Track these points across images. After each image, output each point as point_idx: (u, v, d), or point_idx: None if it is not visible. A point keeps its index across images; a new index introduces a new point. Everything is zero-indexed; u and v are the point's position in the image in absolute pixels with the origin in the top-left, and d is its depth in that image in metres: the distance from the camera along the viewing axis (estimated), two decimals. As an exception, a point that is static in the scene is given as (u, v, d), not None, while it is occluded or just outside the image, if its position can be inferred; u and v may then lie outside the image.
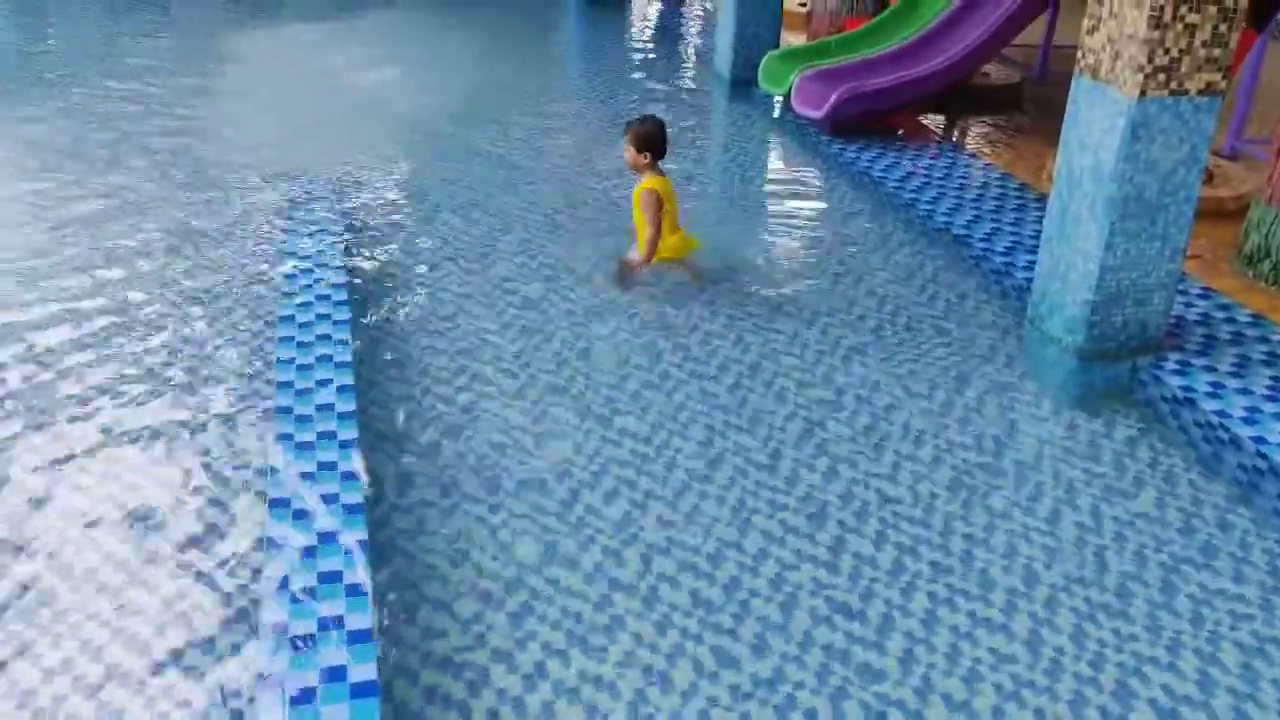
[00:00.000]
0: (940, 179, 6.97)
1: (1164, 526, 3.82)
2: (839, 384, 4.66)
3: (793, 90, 8.08)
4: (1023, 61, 10.18)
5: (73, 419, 4.15)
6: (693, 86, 9.81)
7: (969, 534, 3.74)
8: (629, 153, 5.40)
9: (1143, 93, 4.07)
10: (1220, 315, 5.00)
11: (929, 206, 6.47)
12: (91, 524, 3.58)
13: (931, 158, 7.44)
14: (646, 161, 5.37)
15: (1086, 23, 4.33)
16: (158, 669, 3.00)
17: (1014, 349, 5.00)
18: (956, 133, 8.33)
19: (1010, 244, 5.90)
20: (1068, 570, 3.59)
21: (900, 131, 8.06)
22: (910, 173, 7.10)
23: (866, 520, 3.79)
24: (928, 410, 4.49)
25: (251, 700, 2.85)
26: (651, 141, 5.35)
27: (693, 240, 5.54)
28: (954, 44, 8.21)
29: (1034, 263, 5.27)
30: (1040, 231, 4.92)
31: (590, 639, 3.20)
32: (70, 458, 3.92)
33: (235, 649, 3.07)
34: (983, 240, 5.95)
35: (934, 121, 8.50)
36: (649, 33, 12.73)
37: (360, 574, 3.17)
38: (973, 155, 7.56)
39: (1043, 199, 6.50)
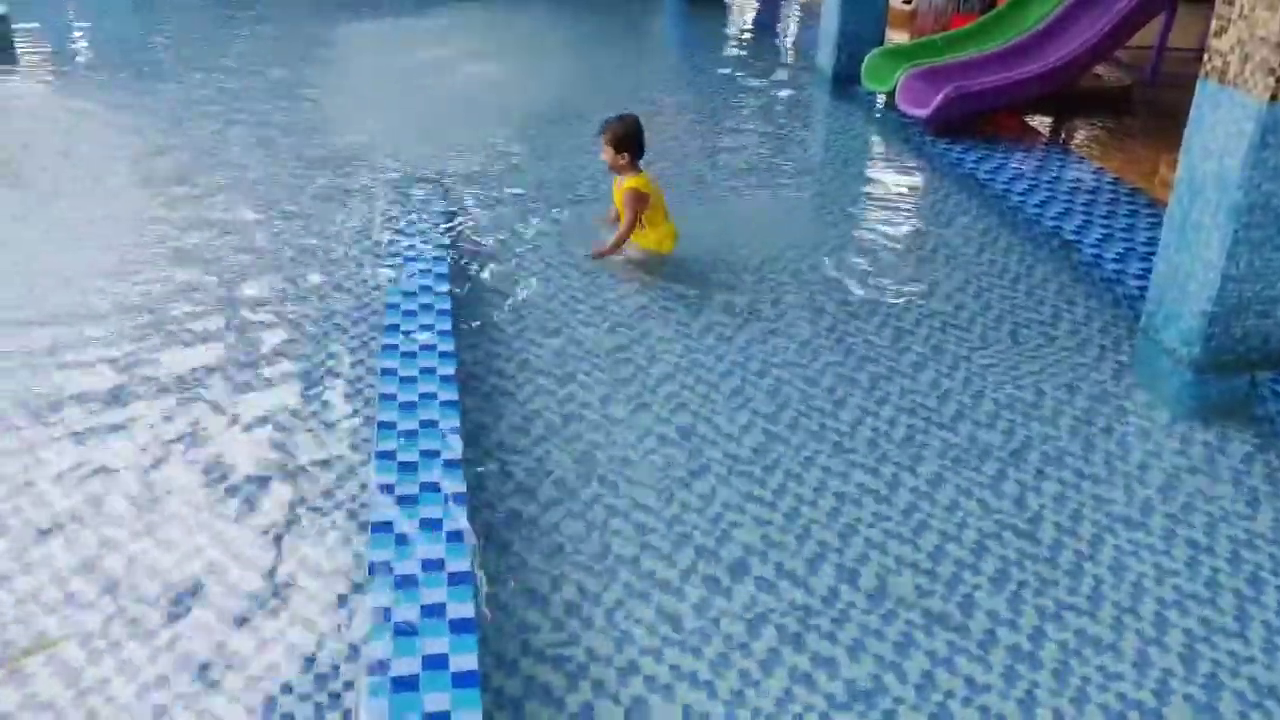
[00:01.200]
0: (1049, 182, 6.81)
1: (1283, 548, 3.68)
2: (943, 389, 4.57)
3: (897, 88, 7.96)
4: (1134, 63, 9.89)
5: (180, 394, 4.25)
6: (793, 83, 9.73)
7: (1077, 549, 3.64)
8: (607, 153, 5.39)
9: (1274, 97, 3.91)
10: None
11: (1037, 210, 6.32)
12: (194, 502, 3.66)
13: (1039, 160, 7.27)
14: (625, 161, 5.35)
15: (1214, 24, 4.18)
16: (261, 648, 3.05)
17: (1124, 358, 4.86)
18: (1065, 135, 8.13)
19: (1122, 250, 5.74)
20: (1179, 588, 3.47)
21: (1007, 132, 7.89)
22: (1017, 175, 6.95)
23: (967, 529, 3.71)
24: (1034, 419, 4.38)
25: (351, 685, 2.88)
26: (629, 140, 5.34)
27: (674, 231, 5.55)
28: (1066, 44, 8.01)
29: (1147, 270, 5.12)
30: (1154, 238, 4.78)
31: (687, 640, 3.18)
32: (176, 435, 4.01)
33: (337, 630, 3.10)
34: (1093, 246, 5.79)
35: (1041, 123, 8.32)
36: (748, 29, 12.66)
37: (462, 562, 3.19)
38: (1082, 158, 7.36)
39: (1156, 204, 6.31)
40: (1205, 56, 4.24)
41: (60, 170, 6.60)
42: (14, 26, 9.62)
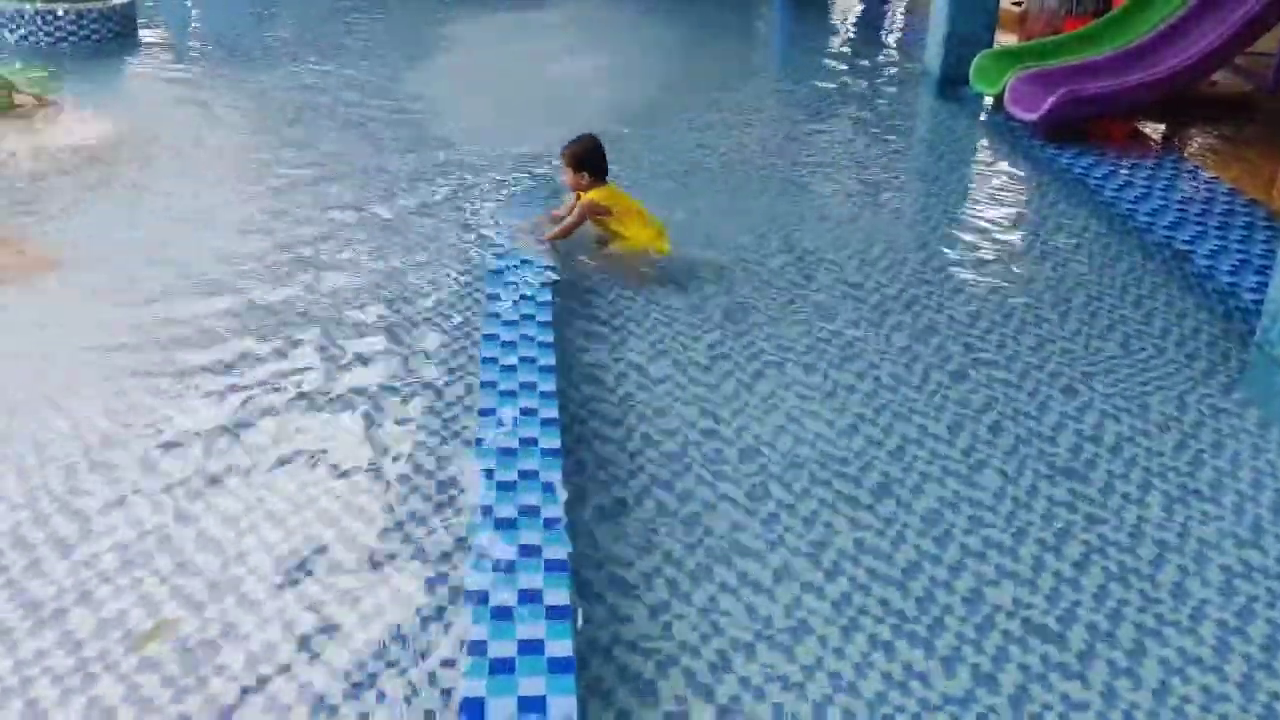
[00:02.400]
0: (1161, 190, 6.64)
1: (1402, 576, 3.54)
2: (1045, 397, 4.49)
3: (1006, 91, 7.84)
4: (1254, 70, 9.58)
5: (278, 381, 4.36)
6: (898, 83, 9.63)
7: (1182, 565, 3.55)
8: (567, 175, 5.54)
9: None
10: None
11: (1148, 219, 6.17)
12: (304, 480, 3.75)
13: (1151, 167, 7.09)
14: (586, 181, 5.49)
15: (1348, 30, 4.03)
16: (364, 624, 3.12)
17: (1236, 373, 4.72)
18: (1179, 142, 7.91)
19: (1237, 262, 5.57)
20: (1290, 613, 3.37)
21: (1118, 138, 7.71)
22: (1128, 182, 6.79)
23: (1069, 541, 3.64)
24: (1141, 431, 4.28)
25: (451, 664, 2.93)
26: (586, 160, 5.47)
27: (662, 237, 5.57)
28: (1184, 50, 7.81)
29: (1263, 284, 4.97)
30: (1272, 251, 4.63)
31: (778, 638, 3.17)
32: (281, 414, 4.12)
33: (439, 613, 3.15)
34: (1206, 257, 5.64)
35: (1154, 129, 8.11)
36: (853, 28, 12.55)
37: (558, 550, 3.23)
38: (1196, 167, 7.16)
39: (1274, 217, 6.11)
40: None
41: (183, 157, 6.81)
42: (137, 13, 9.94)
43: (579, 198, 5.58)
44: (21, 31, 9.12)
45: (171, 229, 5.72)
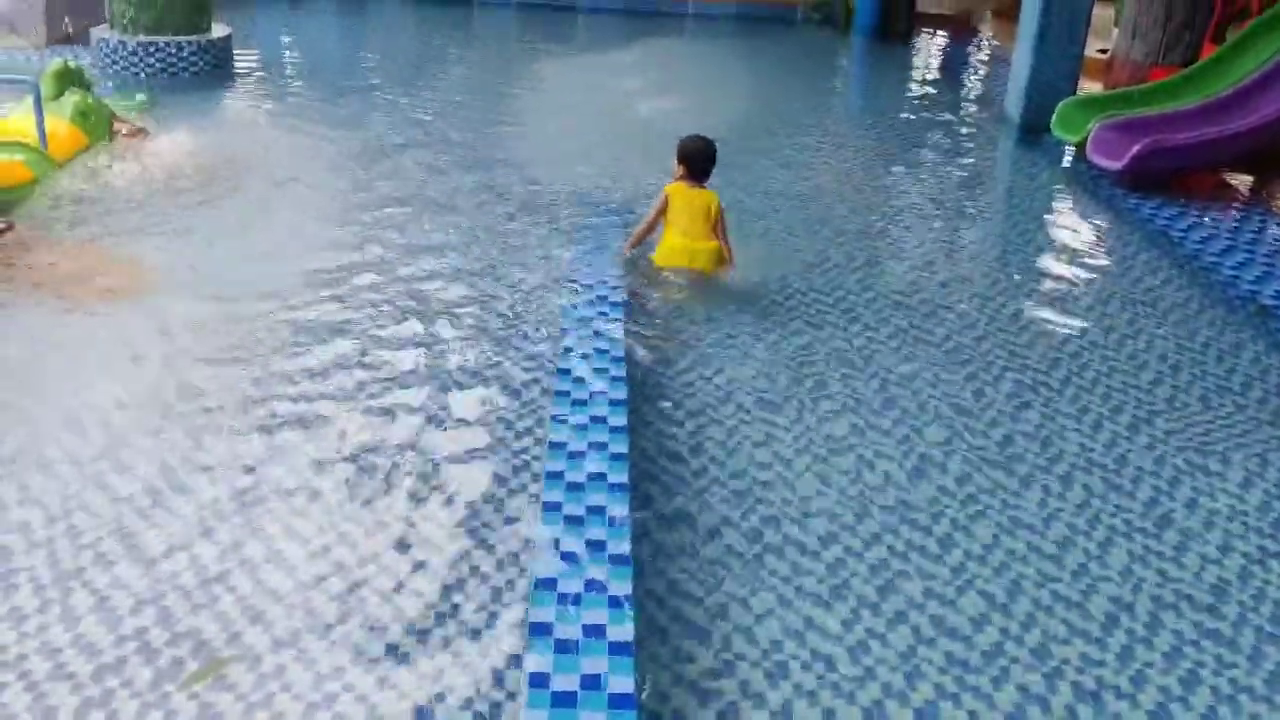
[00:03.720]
0: (1247, 244, 6.52)
1: None
2: (1121, 451, 4.42)
3: (1089, 139, 7.77)
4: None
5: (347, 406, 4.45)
6: (978, 128, 9.60)
7: (1259, 627, 3.46)
8: (674, 161, 5.96)
9: None
10: None
11: (1233, 272, 6.06)
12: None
13: (1237, 220, 6.97)
14: (680, 173, 5.89)
15: None
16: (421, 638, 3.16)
17: (1322, 433, 4.61)
18: (1266, 195, 7.76)
19: (1324, 320, 5.45)
20: (1374, 684, 3.26)
21: (1203, 190, 7.59)
22: (1213, 234, 6.68)
23: (1141, 598, 3.57)
24: (1220, 490, 4.19)
25: (514, 696, 2.96)
26: (686, 156, 5.90)
27: (702, 258, 5.74)
28: (1271, 102, 7.69)
29: (1353, 342, 4.85)
30: (1363, 309, 4.53)
31: (842, 685, 3.15)
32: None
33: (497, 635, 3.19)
34: (1292, 313, 5.52)
35: (1241, 181, 7.97)
36: (934, 71, 12.53)
37: (623, 585, 3.25)
38: (1284, 221, 7.03)
39: (1365, 273, 5.98)
40: None
41: (274, 186, 7.00)
42: (234, 48, 10.26)
43: None
44: (123, 63, 9.47)
45: (261, 253, 5.88)
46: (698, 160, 5.88)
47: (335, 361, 4.74)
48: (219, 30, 10.02)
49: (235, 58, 10.20)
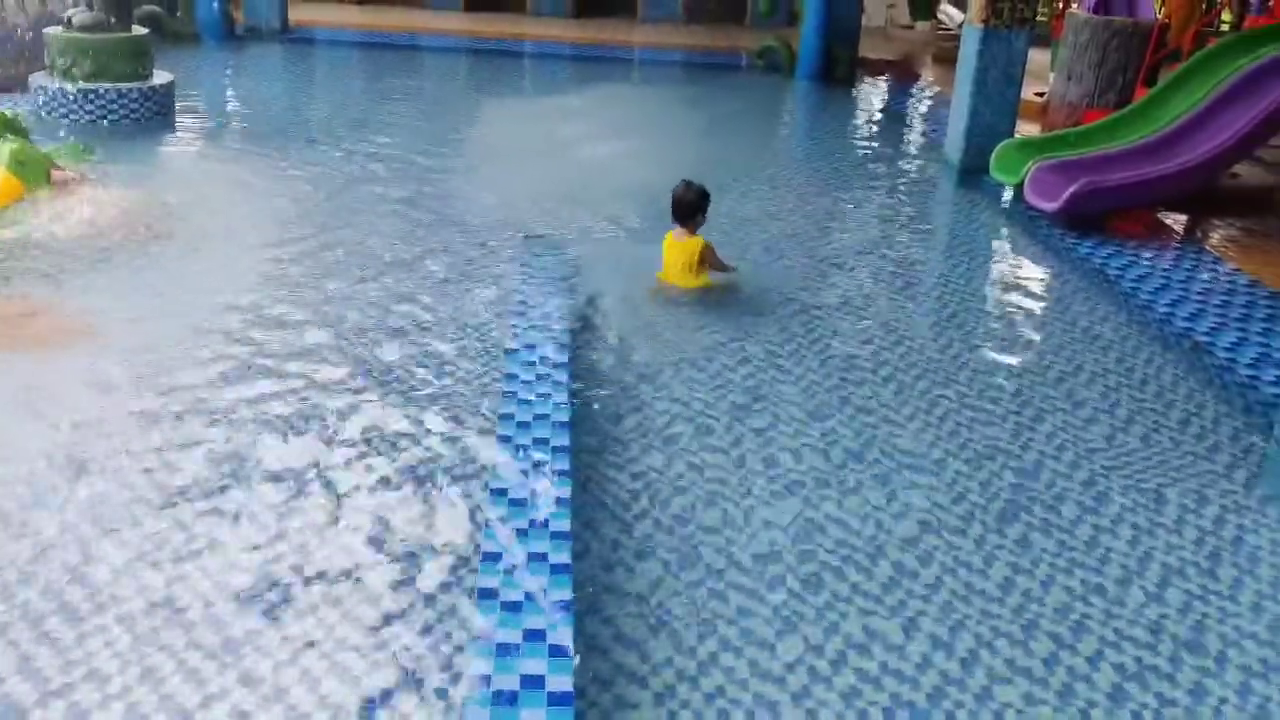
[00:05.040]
0: (1181, 281, 6.64)
1: None
2: (1060, 489, 4.46)
3: (1027, 180, 7.90)
4: (1277, 163, 9.63)
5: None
6: (919, 171, 9.73)
7: (1201, 665, 3.48)
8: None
9: None
10: None
11: (1167, 310, 6.17)
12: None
13: (1172, 259, 7.10)
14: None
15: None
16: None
17: (1256, 467, 4.67)
18: (1200, 234, 7.93)
19: (1257, 355, 5.55)
20: (1311, 717, 3.29)
21: (1138, 229, 7.74)
22: (1149, 273, 6.79)
23: (1084, 637, 3.58)
24: (1158, 525, 4.23)
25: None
26: (671, 203, 6.17)
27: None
28: (1204, 142, 7.85)
29: (1285, 378, 4.94)
30: (1293, 345, 4.61)
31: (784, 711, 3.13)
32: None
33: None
34: (1226, 350, 5.62)
35: (1175, 220, 8.13)
36: (877, 115, 12.72)
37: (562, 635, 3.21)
38: (1218, 259, 7.17)
39: (1296, 310, 6.10)
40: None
41: (212, 233, 6.92)
42: (176, 94, 10.17)
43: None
44: (62, 110, 9.36)
45: (195, 300, 5.79)
46: (675, 207, 6.16)
47: (260, 412, 4.67)
48: (161, 77, 9.93)
49: (178, 104, 10.12)
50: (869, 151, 10.60)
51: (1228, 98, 8.01)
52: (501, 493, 3.97)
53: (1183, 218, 8.22)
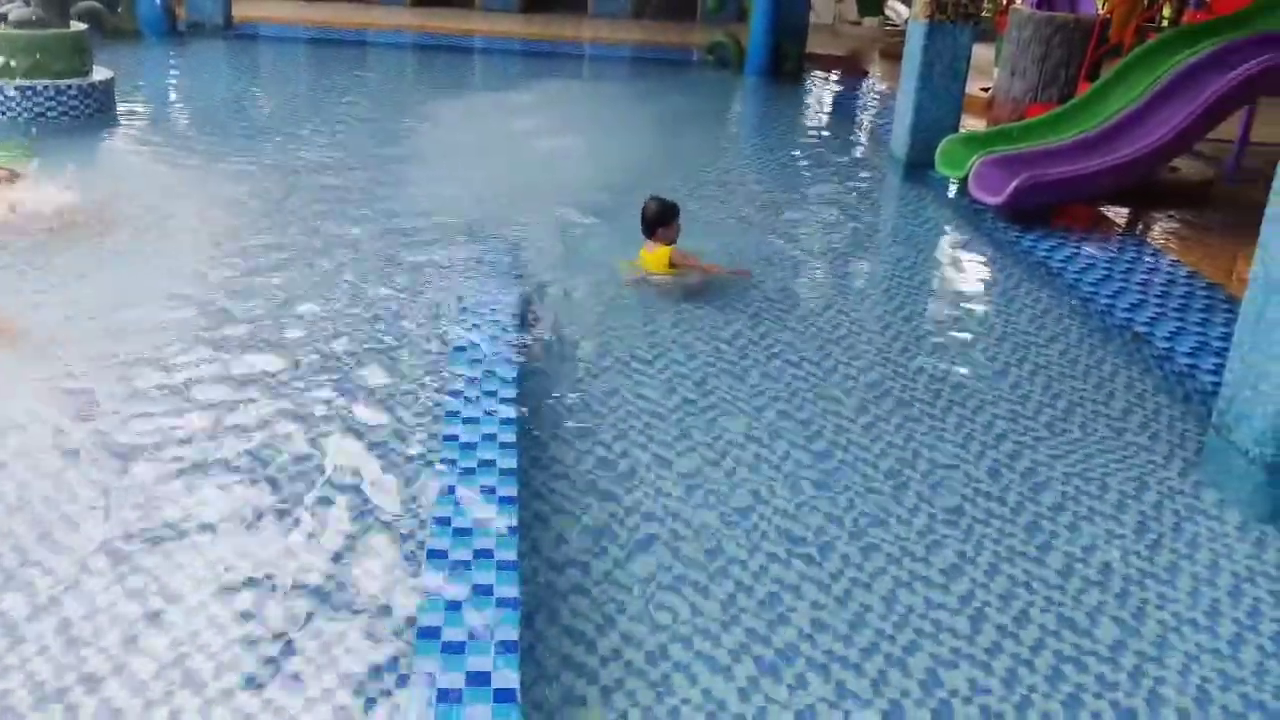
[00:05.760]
0: (1122, 273, 6.74)
1: (1357, 661, 3.54)
2: (1005, 479, 4.51)
3: (971, 175, 7.97)
4: (1215, 157, 9.81)
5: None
6: (866, 166, 9.81)
7: (1140, 650, 3.54)
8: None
9: (1352, 197, 3.86)
10: None
11: (1109, 301, 6.26)
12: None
13: (1113, 251, 7.20)
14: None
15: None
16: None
17: (1195, 456, 4.76)
18: (1141, 227, 8.06)
19: (1195, 345, 5.65)
20: (1247, 696, 3.35)
21: (1081, 222, 7.84)
22: (1090, 265, 6.89)
23: (1027, 625, 3.63)
24: (1099, 513, 4.30)
25: None
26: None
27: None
28: (1144, 136, 7.97)
29: (1221, 366, 5.02)
30: (1230, 334, 4.69)
31: (730, 705, 3.14)
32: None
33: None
34: (1165, 339, 5.71)
35: (1117, 214, 8.26)
36: (825, 111, 12.79)
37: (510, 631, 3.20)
38: (1158, 251, 7.29)
39: (1233, 301, 6.20)
40: (1283, 154, 4.21)
41: (148, 230, 6.82)
42: (117, 90, 10.01)
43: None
44: (0, 108, 9.19)
45: (130, 299, 5.69)
46: (642, 222, 6.33)
47: (196, 409, 4.61)
48: (101, 73, 9.78)
49: (119, 100, 9.96)
50: (816, 147, 10.66)
51: (1166, 93, 8.15)
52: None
53: (1124, 211, 8.35)
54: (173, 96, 11.61)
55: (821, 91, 13.82)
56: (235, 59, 13.72)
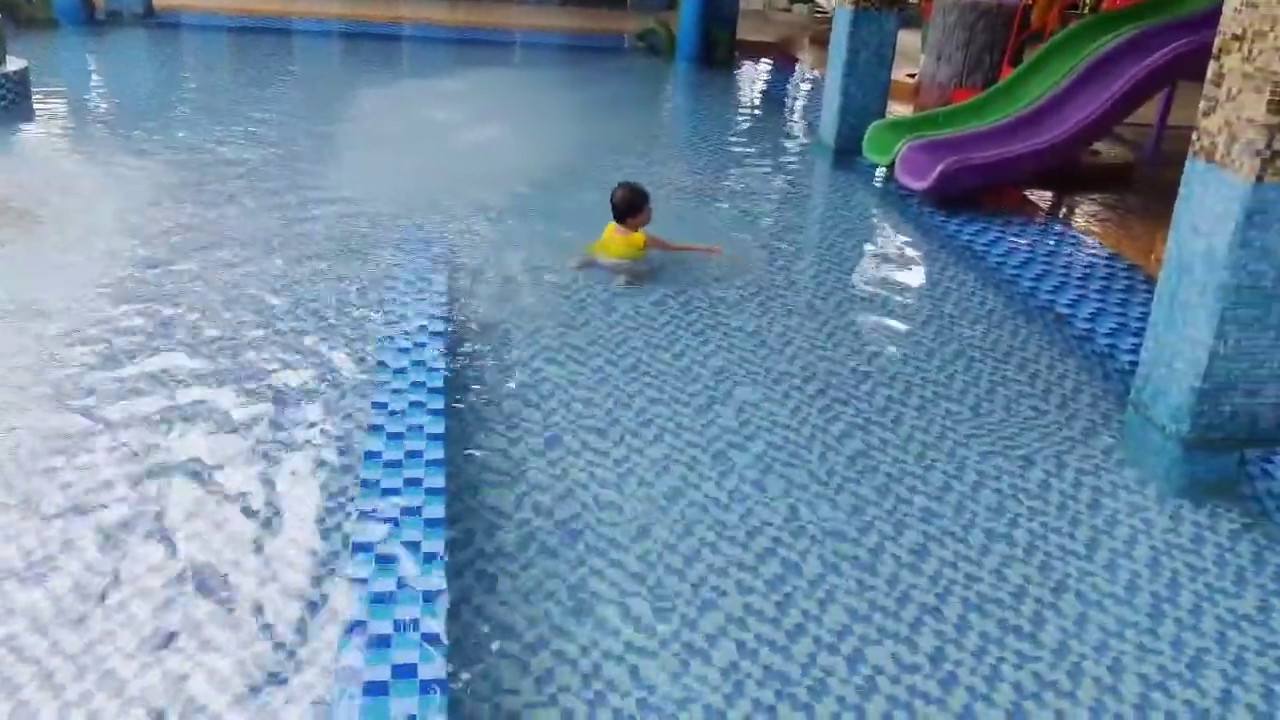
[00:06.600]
0: (1045, 256, 6.86)
1: (1269, 630, 3.64)
2: (930, 459, 4.57)
3: (897, 160, 8.05)
4: (1135, 140, 10.01)
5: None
6: (795, 153, 9.85)
7: (1061, 625, 3.61)
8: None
9: (1259, 178, 3.96)
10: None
11: (1032, 284, 6.36)
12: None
13: (1036, 234, 7.32)
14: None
15: (1202, 105, 4.24)
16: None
17: (1115, 434, 4.86)
18: (1063, 210, 8.20)
19: (1115, 326, 5.76)
20: (1164, 668, 3.44)
21: (1005, 206, 7.96)
22: (1014, 248, 7.00)
23: (949, 601, 3.68)
24: (1021, 491, 4.38)
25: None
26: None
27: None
28: (1065, 120, 8.10)
29: (1139, 346, 5.13)
30: (1148, 314, 4.79)
31: (664, 708, 3.15)
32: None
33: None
34: (1086, 320, 5.82)
35: (1040, 197, 8.39)
36: (756, 99, 12.84)
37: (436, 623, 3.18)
38: (1079, 233, 7.42)
39: (1151, 281, 6.34)
40: (1194, 135, 4.30)
41: (63, 221, 6.66)
42: (32, 81, 9.75)
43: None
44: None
45: (43, 290, 5.56)
46: (612, 207, 6.39)
47: (101, 405, 4.53)
48: (14, 64, 9.51)
49: (34, 92, 9.70)
50: (746, 133, 10.69)
51: (1086, 77, 8.29)
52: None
53: (1048, 194, 8.49)
54: (90, 87, 11.33)
55: (752, 78, 13.87)
56: (155, 48, 13.42)
